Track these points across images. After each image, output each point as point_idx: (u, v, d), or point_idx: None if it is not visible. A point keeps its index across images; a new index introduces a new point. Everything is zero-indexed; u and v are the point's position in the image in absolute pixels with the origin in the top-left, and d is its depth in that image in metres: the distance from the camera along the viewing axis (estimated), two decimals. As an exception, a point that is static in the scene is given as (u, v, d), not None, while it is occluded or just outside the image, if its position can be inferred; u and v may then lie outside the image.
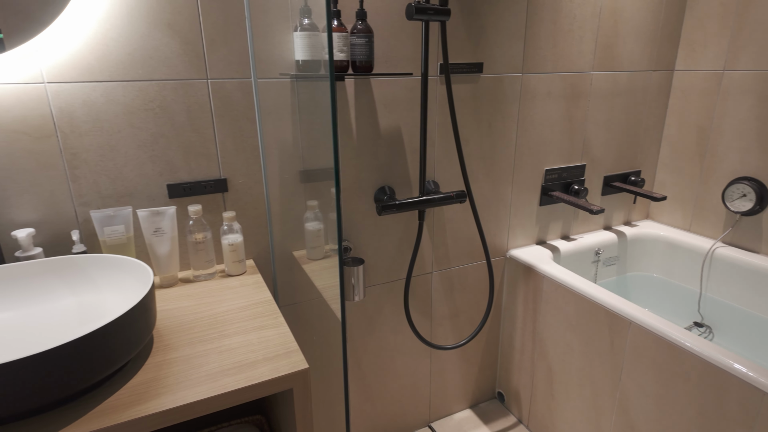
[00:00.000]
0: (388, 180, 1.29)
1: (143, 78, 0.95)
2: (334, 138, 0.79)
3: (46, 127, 0.90)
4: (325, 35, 1.01)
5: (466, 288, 1.53)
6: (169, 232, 0.99)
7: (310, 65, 1.04)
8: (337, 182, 0.81)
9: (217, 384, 0.69)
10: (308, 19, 1.01)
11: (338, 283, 1.04)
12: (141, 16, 0.92)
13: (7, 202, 0.90)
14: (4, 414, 0.58)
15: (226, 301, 0.94)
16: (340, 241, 0.82)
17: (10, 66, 0.85)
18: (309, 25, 1.01)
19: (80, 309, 0.83)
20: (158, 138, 0.99)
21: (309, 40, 1.02)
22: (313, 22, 1.02)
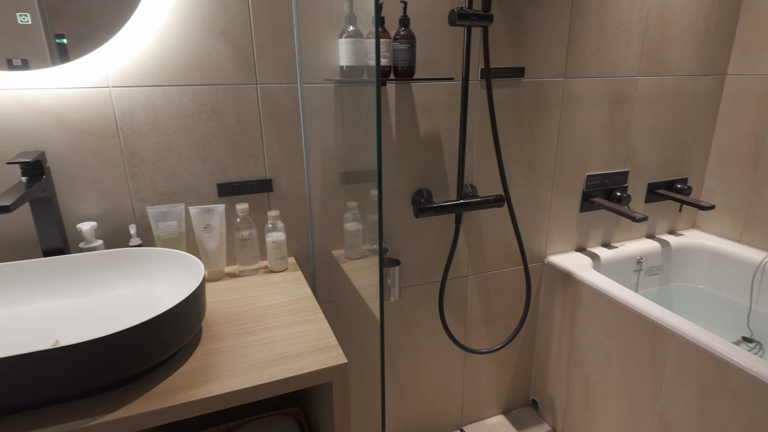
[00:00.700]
0: (426, 183, 1.30)
1: (198, 83, 1.01)
2: (378, 142, 0.81)
3: (110, 128, 0.97)
4: (369, 41, 1.04)
5: (501, 293, 1.53)
6: (218, 228, 1.04)
7: (353, 71, 1.07)
8: (380, 185, 0.83)
9: (261, 374, 0.72)
10: (353, 26, 1.05)
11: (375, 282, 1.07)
12: (197, 24, 0.97)
13: (73, 197, 0.98)
14: (75, 390, 0.64)
15: (270, 296, 0.98)
16: (381, 244, 0.84)
17: (81, 72, 0.92)
18: (354, 32, 1.04)
19: (136, 298, 0.89)
20: (210, 139, 1.05)
21: (353, 46, 1.05)
22: (358, 29, 1.05)
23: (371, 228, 1.19)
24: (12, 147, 0.91)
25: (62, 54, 0.88)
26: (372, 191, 1.19)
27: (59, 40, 0.87)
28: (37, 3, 0.84)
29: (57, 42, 0.87)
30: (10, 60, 0.86)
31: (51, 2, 0.85)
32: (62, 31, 0.87)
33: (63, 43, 0.88)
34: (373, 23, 1.04)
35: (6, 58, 0.85)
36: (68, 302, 0.88)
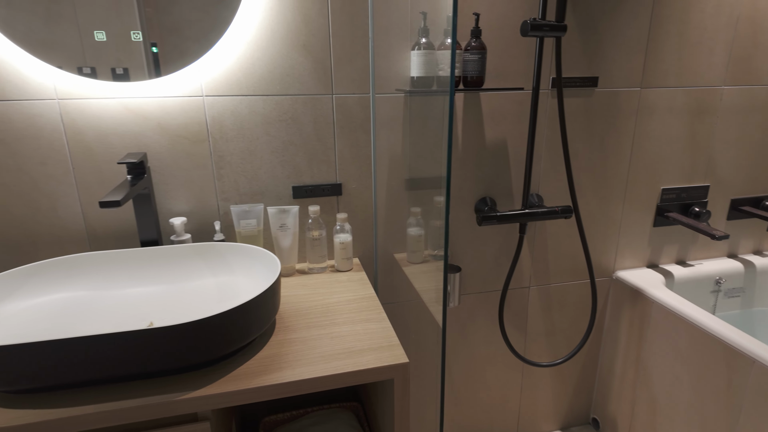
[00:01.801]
0: (490, 191, 1.31)
1: (280, 93, 1.09)
2: (449, 150, 0.84)
3: (202, 133, 1.08)
4: (440, 53, 1.08)
5: (565, 306, 1.49)
6: (292, 228, 1.12)
7: (424, 81, 1.11)
8: (448, 192, 0.86)
9: (329, 365, 0.78)
10: (425, 38, 1.08)
11: (435, 287, 1.09)
12: (282, 39, 1.05)
13: (168, 194, 1.09)
14: (165, 367, 0.72)
15: (336, 294, 1.04)
16: (446, 250, 0.87)
17: (180, 82, 1.03)
18: (426, 44, 1.08)
19: (218, 288, 0.98)
20: (288, 145, 1.13)
21: (425, 58, 1.09)
22: (430, 41, 1.08)
23: (433, 233, 1.22)
24: (120, 148, 1.04)
25: (164, 66, 0.99)
26: (436, 198, 1.21)
27: (154, 49, 0.98)
28: (146, 25, 0.96)
29: (155, 55, 0.98)
30: (114, 69, 0.98)
31: (154, 23, 0.96)
32: (164, 47, 0.98)
33: (162, 56, 0.99)
34: (444, 35, 1.07)
35: (111, 66, 0.97)
36: (160, 288, 0.98)
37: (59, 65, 0.94)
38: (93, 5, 0.92)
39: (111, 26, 0.94)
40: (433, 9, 1.08)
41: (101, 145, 1.02)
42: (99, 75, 0.97)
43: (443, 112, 1.04)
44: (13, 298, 0.87)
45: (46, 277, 0.92)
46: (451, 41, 0.77)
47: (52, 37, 0.92)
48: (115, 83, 0.99)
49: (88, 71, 0.96)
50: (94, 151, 1.02)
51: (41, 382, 0.69)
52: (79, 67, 0.95)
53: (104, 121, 1.01)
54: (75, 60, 0.95)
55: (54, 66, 0.94)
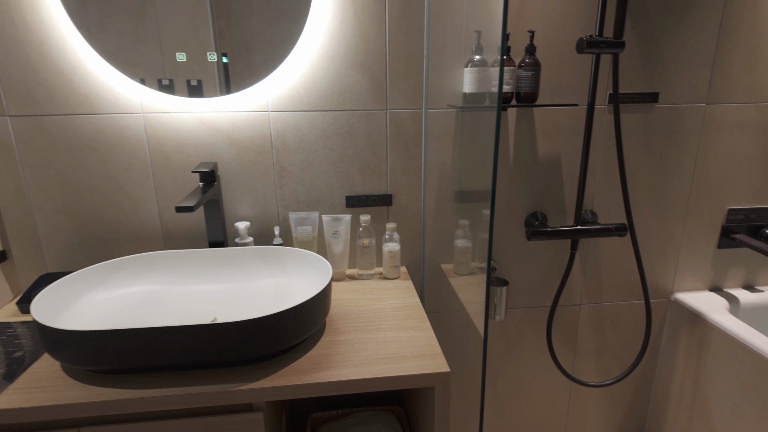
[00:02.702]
0: (542, 206, 1.31)
1: (338, 108, 1.16)
2: (494, 164, 0.87)
3: (266, 145, 1.16)
4: (494, 70, 1.10)
5: (617, 326, 1.45)
6: (344, 235, 1.18)
7: (476, 97, 1.13)
8: (492, 205, 0.88)
9: (374, 368, 0.82)
10: (479, 56, 1.11)
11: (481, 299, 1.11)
12: (342, 59, 1.12)
13: (235, 200, 1.19)
14: (225, 359, 0.80)
15: (383, 300, 1.09)
16: (489, 263, 0.89)
17: (248, 98, 1.12)
18: (479, 62, 1.11)
19: (276, 288, 1.06)
20: (343, 157, 1.19)
21: (478, 74, 1.11)
22: (484, 58, 1.11)
23: (481, 246, 1.24)
24: (195, 158, 1.15)
25: (236, 84, 1.09)
26: (485, 211, 1.23)
27: (225, 59, 1.08)
28: (219, 46, 1.06)
29: (228, 74, 1.08)
30: (188, 80, 1.08)
31: (228, 46, 1.06)
32: (236, 67, 1.08)
33: (234, 75, 1.08)
34: (498, 52, 1.10)
35: (186, 79, 1.08)
36: (224, 286, 1.07)
37: (142, 79, 1.06)
38: (174, 24, 1.03)
39: (191, 47, 1.05)
40: (487, 28, 1.11)
41: (178, 154, 1.14)
42: (176, 87, 1.08)
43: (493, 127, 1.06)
44: (100, 289, 0.99)
45: (127, 271, 1.04)
46: (500, 59, 0.80)
47: (138, 55, 1.04)
48: (192, 99, 1.10)
49: (167, 83, 1.08)
50: (172, 160, 1.14)
51: (120, 365, 0.78)
52: (159, 79, 1.07)
53: (181, 132, 1.12)
54: (156, 74, 1.06)
55: (137, 80, 1.06)
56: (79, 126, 1.09)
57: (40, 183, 1.11)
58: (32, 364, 0.86)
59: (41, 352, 0.89)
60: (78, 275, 0.96)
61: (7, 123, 1.07)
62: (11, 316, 1.04)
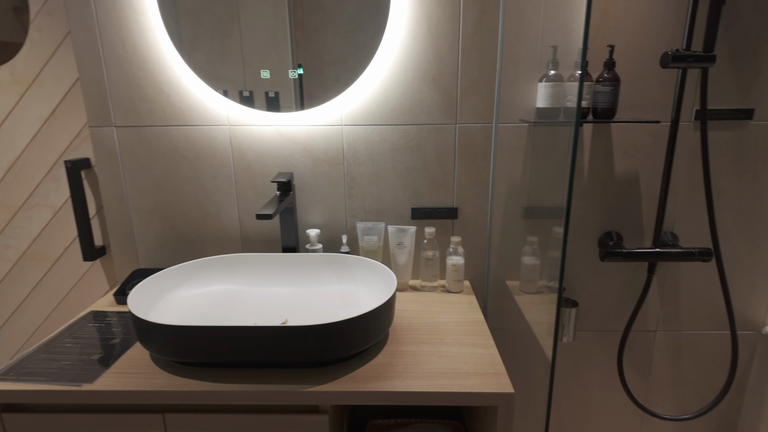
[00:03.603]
0: (617, 225, 1.25)
1: (407, 122, 1.18)
2: (570, 181, 0.85)
3: (338, 157, 1.21)
4: (569, 85, 1.08)
5: (697, 357, 1.35)
6: (408, 246, 1.20)
7: (550, 112, 1.11)
8: (566, 223, 0.86)
9: (435, 382, 0.83)
10: (554, 70, 1.09)
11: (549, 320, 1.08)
12: (414, 74, 1.15)
13: (308, 208, 1.25)
14: (294, 360, 0.84)
15: (446, 314, 1.09)
16: (561, 283, 0.87)
17: (324, 113, 1.18)
18: (554, 76, 1.09)
19: (342, 295, 1.10)
20: (411, 170, 1.22)
21: (552, 89, 1.09)
22: (559, 73, 1.09)
23: (550, 264, 1.20)
24: (273, 167, 1.22)
25: (314, 100, 1.15)
26: (555, 228, 1.20)
27: (299, 71, 1.14)
28: (295, 59, 1.12)
29: (307, 90, 1.14)
30: (267, 92, 1.16)
31: (307, 64, 1.12)
32: (314, 85, 1.14)
33: (313, 91, 1.14)
34: (575, 67, 1.07)
35: (264, 90, 1.15)
36: (294, 289, 1.13)
37: (225, 90, 1.14)
38: (256, 42, 1.11)
39: (273, 64, 1.12)
40: (564, 42, 1.09)
41: (258, 164, 1.22)
42: (255, 99, 1.15)
43: (568, 143, 1.03)
44: (185, 286, 1.08)
45: (209, 271, 1.12)
46: (580, 74, 0.78)
47: (222, 69, 1.13)
48: (273, 113, 1.17)
49: (247, 94, 1.15)
50: (253, 169, 1.22)
51: (201, 358, 0.85)
52: (240, 91, 1.15)
53: (262, 144, 1.20)
54: (238, 86, 1.14)
55: (220, 92, 1.14)
56: (174, 136, 1.20)
57: (138, 187, 1.23)
58: (125, 351, 0.95)
59: (133, 341, 0.99)
60: (167, 273, 1.05)
61: (113, 133, 1.20)
62: (108, 306, 1.16)
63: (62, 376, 0.86)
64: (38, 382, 0.85)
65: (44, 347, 0.97)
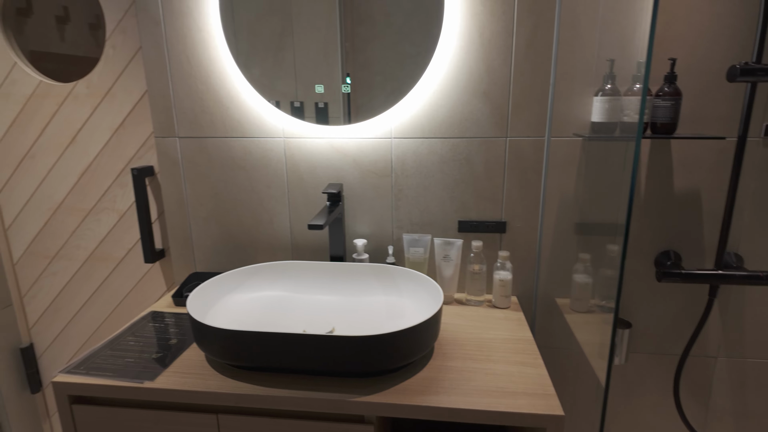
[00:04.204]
0: (675, 244, 1.20)
1: (457, 136, 1.18)
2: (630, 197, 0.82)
3: (387, 169, 1.23)
4: (626, 99, 1.05)
5: (764, 387, 1.26)
6: (454, 259, 1.20)
7: (605, 126, 1.08)
8: (625, 242, 0.84)
9: (482, 400, 0.82)
10: (611, 84, 1.06)
11: (601, 341, 1.05)
12: (464, 88, 1.15)
13: (355, 218, 1.27)
14: (341, 369, 0.86)
15: (492, 330, 1.08)
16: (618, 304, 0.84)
17: (374, 126, 1.20)
18: (611, 90, 1.06)
19: (387, 306, 1.11)
20: (459, 183, 1.21)
21: (609, 104, 1.06)
22: (616, 87, 1.06)
23: (603, 283, 1.16)
24: (324, 178, 1.25)
25: (366, 114, 1.17)
26: (609, 246, 1.16)
27: (347, 88, 1.17)
28: (346, 74, 1.15)
29: (357, 104, 1.17)
30: (316, 103, 1.19)
31: (357, 80, 1.15)
32: (366, 99, 1.16)
33: (363, 105, 1.17)
34: (633, 81, 1.04)
35: (314, 101, 1.18)
36: (341, 298, 1.15)
37: (277, 101, 1.19)
38: (308, 51, 1.15)
39: (323, 76, 1.16)
40: (621, 55, 1.06)
41: (310, 175, 1.25)
42: (306, 110, 1.19)
43: (624, 158, 1.00)
44: (238, 291, 1.13)
45: (261, 277, 1.16)
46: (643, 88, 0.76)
47: (275, 81, 1.18)
48: (325, 126, 1.20)
49: (298, 105, 1.19)
50: (305, 180, 1.26)
51: (252, 362, 0.88)
52: (292, 101, 1.19)
53: (314, 156, 1.24)
54: (289, 98, 1.19)
55: (273, 102, 1.19)
56: (232, 147, 1.25)
57: (197, 194, 1.30)
58: (182, 352, 1.00)
59: (190, 342, 1.04)
60: (223, 277, 1.10)
61: (176, 143, 1.27)
62: (167, 307, 1.23)
63: (126, 373, 0.92)
64: (105, 377, 0.91)
65: (110, 344, 1.03)
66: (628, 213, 0.85)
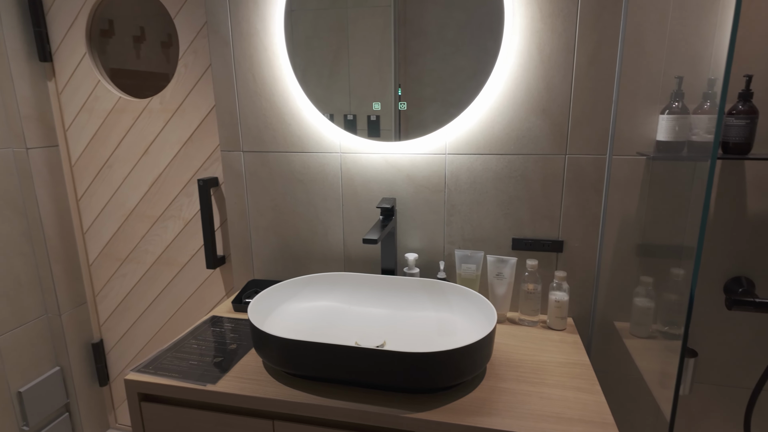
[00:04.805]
0: (748, 271, 1.12)
1: (513, 152, 1.17)
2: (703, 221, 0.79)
3: (440, 184, 1.24)
4: (695, 117, 1.00)
5: None
6: (507, 278, 1.18)
7: (672, 146, 1.04)
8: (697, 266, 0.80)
9: (539, 425, 0.80)
10: (679, 102, 1.02)
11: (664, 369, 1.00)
12: (522, 105, 1.14)
13: (407, 232, 1.29)
14: (389, 383, 0.87)
15: (547, 352, 1.05)
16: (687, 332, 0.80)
17: (429, 143, 1.21)
18: (678, 108, 1.02)
19: (438, 322, 1.11)
20: (514, 200, 1.20)
21: (676, 122, 1.02)
22: (684, 104, 1.02)
23: (666, 308, 1.11)
24: (377, 192, 1.28)
25: (421, 130, 1.19)
26: (674, 269, 1.11)
27: (401, 105, 1.18)
28: (398, 85, 1.17)
29: (412, 120, 1.18)
30: (369, 116, 1.22)
31: (412, 98, 1.17)
32: (422, 116, 1.18)
33: (419, 122, 1.18)
34: (703, 99, 0.99)
35: (366, 114, 1.21)
36: (391, 312, 1.16)
37: (331, 114, 1.23)
38: (362, 65, 1.18)
39: (377, 91, 1.19)
40: (690, 72, 1.02)
41: (364, 189, 1.28)
42: (358, 122, 1.22)
43: (692, 179, 0.96)
44: (293, 300, 1.17)
45: (315, 287, 1.20)
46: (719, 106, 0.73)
47: (330, 94, 1.22)
48: (382, 143, 1.23)
49: (351, 118, 1.23)
50: (359, 193, 1.29)
51: (305, 371, 0.91)
52: (345, 114, 1.23)
53: (369, 170, 1.26)
54: (343, 111, 1.22)
55: (327, 115, 1.23)
56: (292, 162, 1.30)
57: (258, 205, 1.36)
58: (242, 357, 1.04)
59: (248, 348, 1.08)
60: (280, 287, 1.14)
61: (240, 157, 1.34)
62: (226, 312, 1.28)
63: (190, 375, 0.97)
64: (172, 377, 0.96)
65: (174, 346, 1.10)
66: (700, 236, 0.81)
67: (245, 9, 1.24)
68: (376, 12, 1.15)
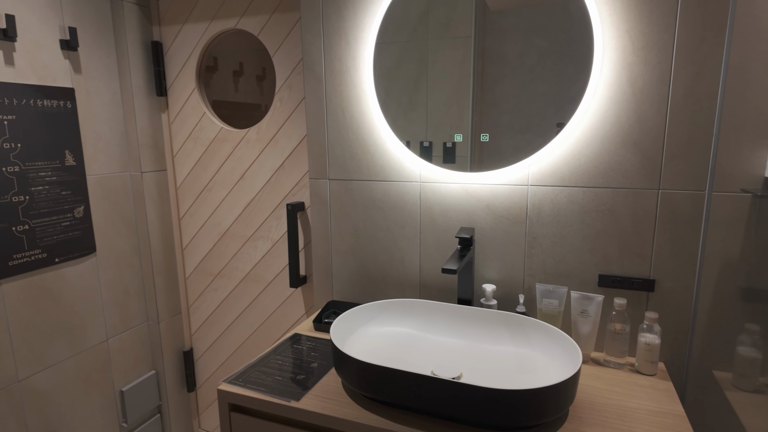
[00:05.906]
0: None
1: (601, 186, 1.14)
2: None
3: (521, 215, 1.23)
4: (814, 153, 0.92)
5: None
6: (593, 316, 1.13)
7: (783, 183, 0.96)
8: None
9: (627, 477, 0.76)
10: (792, 136, 0.94)
11: (775, 431, 0.90)
12: (612, 138, 1.11)
13: (484, 263, 1.28)
14: (464, 417, 0.86)
15: (635, 398, 0.99)
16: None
17: (510, 173, 1.21)
18: (792, 143, 0.94)
19: (517, 358, 1.08)
20: (601, 234, 1.16)
21: (789, 158, 0.94)
22: (799, 139, 0.94)
23: (776, 361, 1.00)
24: (455, 222, 1.29)
25: (503, 161, 1.19)
26: (785, 318, 1.00)
27: (483, 136, 1.19)
28: (476, 126, 1.18)
29: (496, 152, 1.19)
30: (444, 143, 1.24)
31: (498, 128, 1.18)
32: (504, 148, 1.18)
33: (501, 153, 1.19)
34: (822, 133, 0.91)
35: (442, 141, 1.24)
36: (468, 343, 1.16)
37: (408, 141, 1.27)
38: (441, 95, 1.21)
39: (453, 118, 1.21)
40: (808, 104, 0.94)
41: (443, 217, 1.30)
42: (434, 149, 1.25)
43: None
44: (371, 324, 1.20)
45: (391, 312, 1.22)
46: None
47: (409, 122, 1.26)
48: (462, 173, 1.25)
49: (427, 144, 1.26)
50: (437, 222, 1.31)
51: (380, 396, 0.93)
52: (421, 141, 1.26)
53: (447, 200, 1.29)
54: (419, 138, 1.27)
55: (404, 142, 1.28)
56: (373, 190, 1.36)
57: (340, 230, 1.43)
58: (323, 376, 1.09)
59: (329, 367, 1.13)
60: (358, 310, 1.19)
61: (326, 184, 1.42)
62: (308, 331, 1.35)
63: (275, 390, 1.03)
64: (259, 391, 1.03)
65: (261, 361, 1.17)
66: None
67: (338, 48, 1.34)
68: (456, 43, 1.19)
